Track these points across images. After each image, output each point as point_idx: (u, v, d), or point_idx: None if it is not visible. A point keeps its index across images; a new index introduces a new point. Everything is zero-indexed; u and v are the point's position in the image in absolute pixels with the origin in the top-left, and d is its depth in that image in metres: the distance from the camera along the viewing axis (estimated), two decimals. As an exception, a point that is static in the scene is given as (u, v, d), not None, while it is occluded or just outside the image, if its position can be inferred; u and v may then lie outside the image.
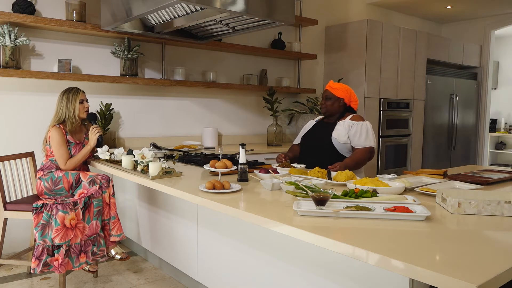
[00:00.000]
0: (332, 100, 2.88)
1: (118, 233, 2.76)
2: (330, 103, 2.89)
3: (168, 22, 3.25)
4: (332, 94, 2.88)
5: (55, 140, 2.79)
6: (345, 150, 2.83)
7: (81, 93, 2.91)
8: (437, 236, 1.40)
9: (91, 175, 2.76)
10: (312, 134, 3.00)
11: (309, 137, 3.00)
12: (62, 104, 2.86)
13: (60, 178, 2.76)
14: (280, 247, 2.00)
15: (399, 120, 5.30)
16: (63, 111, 2.86)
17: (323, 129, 2.93)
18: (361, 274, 1.64)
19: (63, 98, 2.87)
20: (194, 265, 2.65)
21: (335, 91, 2.87)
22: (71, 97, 2.87)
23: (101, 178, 2.74)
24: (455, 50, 6.16)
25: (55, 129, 2.81)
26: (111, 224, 2.75)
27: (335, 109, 2.90)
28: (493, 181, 2.38)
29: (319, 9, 5.17)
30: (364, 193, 1.82)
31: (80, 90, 2.92)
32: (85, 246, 2.58)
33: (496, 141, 8.07)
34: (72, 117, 2.86)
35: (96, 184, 2.71)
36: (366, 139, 2.79)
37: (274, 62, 4.90)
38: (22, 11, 3.17)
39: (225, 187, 1.99)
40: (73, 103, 2.86)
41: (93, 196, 2.64)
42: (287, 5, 2.85)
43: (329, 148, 2.82)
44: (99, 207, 2.66)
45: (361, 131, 2.78)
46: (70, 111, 2.85)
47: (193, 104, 4.31)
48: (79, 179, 2.76)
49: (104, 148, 2.94)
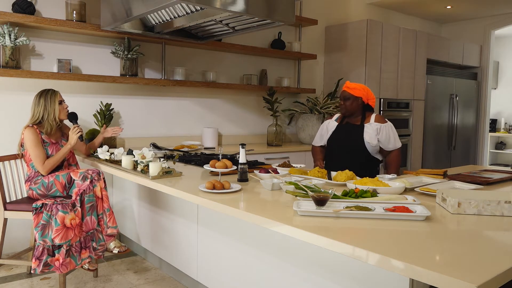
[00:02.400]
0: (351, 100, 2.93)
1: (114, 225, 2.71)
2: (349, 103, 2.94)
3: (168, 22, 3.25)
4: (350, 94, 2.93)
5: (30, 139, 2.69)
6: (375, 151, 2.96)
7: (58, 94, 2.84)
8: (437, 236, 1.40)
9: (81, 172, 2.70)
10: (341, 137, 3.01)
11: (338, 140, 3.02)
12: (40, 107, 2.76)
13: (52, 182, 2.71)
14: (280, 247, 2.01)
15: (399, 120, 5.30)
16: (41, 114, 2.76)
17: (352, 132, 2.97)
18: (361, 274, 1.64)
19: (41, 100, 2.77)
20: (194, 265, 2.65)
21: (352, 91, 2.93)
22: (50, 99, 2.78)
23: (92, 172, 2.68)
24: (455, 50, 6.16)
25: (28, 129, 2.72)
26: (107, 216, 2.70)
27: (354, 108, 2.95)
28: (493, 181, 2.38)
29: (319, 9, 5.17)
30: (364, 193, 1.83)
31: (56, 91, 2.84)
32: (85, 243, 2.57)
33: (496, 141, 8.07)
34: (52, 119, 2.78)
35: (87, 179, 2.65)
36: (396, 141, 2.95)
37: (274, 62, 4.90)
38: (22, 11, 3.17)
39: (225, 187, 1.99)
40: (52, 105, 2.77)
41: (85, 192, 2.60)
42: (287, 5, 2.85)
43: (363, 151, 2.92)
44: (91, 202, 2.62)
45: (389, 133, 2.92)
46: (50, 113, 2.77)
47: (193, 104, 4.31)
48: (71, 179, 2.72)
49: (104, 148, 2.93)
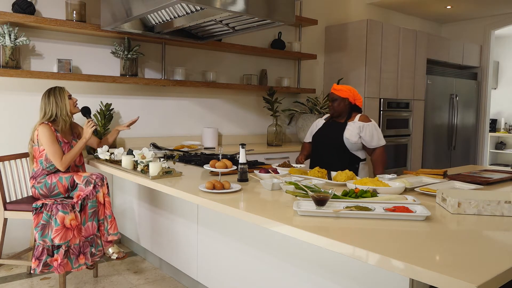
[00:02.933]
0: (338, 100, 3.06)
1: (115, 232, 2.72)
2: (336, 104, 3.07)
3: (168, 22, 3.25)
4: (337, 96, 3.06)
5: (46, 136, 2.69)
6: (355, 148, 3.02)
7: (65, 90, 2.86)
8: (437, 236, 1.40)
9: (85, 176, 2.70)
10: (323, 133, 3.16)
11: (321, 136, 3.16)
12: (51, 105, 2.78)
13: (55, 184, 2.72)
14: (280, 247, 2.00)
15: (399, 120, 5.30)
16: (53, 111, 2.78)
17: (334, 129, 3.09)
18: (361, 274, 1.64)
19: (50, 98, 2.79)
20: (194, 265, 2.65)
21: (339, 92, 3.06)
22: (59, 95, 2.80)
23: (95, 177, 2.69)
24: (455, 50, 6.16)
25: (44, 126, 2.72)
26: (108, 223, 2.71)
27: (342, 108, 3.06)
28: (493, 181, 2.38)
29: (319, 9, 5.17)
30: (364, 193, 1.83)
31: (63, 87, 2.86)
32: (83, 248, 2.56)
33: (496, 141, 8.07)
34: (65, 115, 2.80)
35: (90, 184, 2.66)
36: (379, 139, 3.02)
37: (274, 62, 4.90)
38: (22, 11, 3.17)
39: (225, 187, 1.99)
40: (63, 101, 2.80)
41: (88, 197, 2.60)
42: (287, 5, 2.85)
43: (341, 147, 3.00)
44: (94, 208, 2.63)
45: (373, 131, 3.00)
46: (62, 109, 2.79)
47: (193, 104, 4.31)
48: (74, 182, 2.72)
49: (104, 148, 2.93)
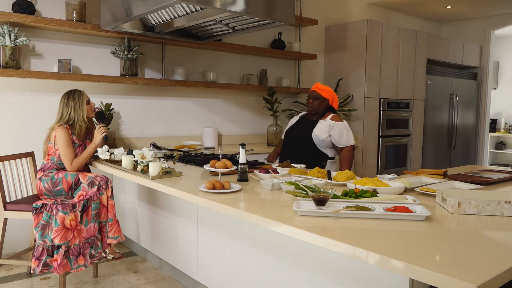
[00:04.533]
0: (320, 100, 3.15)
1: (115, 236, 2.72)
2: (317, 102, 3.15)
3: (168, 22, 3.25)
4: (320, 95, 3.13)
5: (62, 139, 2.75)
6: (323, 145, 3.10)
7: (85, 94, 2.89)
8: (437, 236, 1.40)
9: (90, 177, 2.72)
10: (295, 129, 3.24)
11: (292, 133, 3.24)
12: (69, 108, 2.81)
13: (60, 180, 2.74)
14: (280, 247, 2.00)
15: (399, 120, 5.30)
16: (71, 115, 2.81)
17: (305, 126, 3.17)
18: (361, 274, 1.64)
19: (69, 102, 2.82)
20: (194, 265, 2.65)
21: (322, 92, 3.13)
22: (78, 101, 2.83)
23: (100, 179, 2.71)
24: (455, 50, 6.16)
25: (62, 128, 2.77)
26: (109, 226, 2.71)
27: (321, 108, 3.16)
28: (493, 181, 2.38)
29: (319, 9, 5.17)
30: (364, 193, 1.83)
31: (82, 91, 2.89)
32: (83, 249, 2.57)
33: (496, 141, 8.07)
34: (81, 120, 2.83)
35: (94, 185, 2.68)
36: (348, 139, 3.09)
37: (274, 62, 4.90)
38: (22, 11, 3.17)
39: (225, 187, 1.99)
40: (81, 106, 2.83)
41: (91, 199, 2.62)
42: (287, 5, 2.84)
43: (309, 143, 3.07)
44: (97, 210, 2.65)
45: (342, 131, 3.07)
46: (79, 114, 2.82)
47: (193, 104, 4.31)
48: (78, 181, 2.74)
49: (104, 148, 2.93)
